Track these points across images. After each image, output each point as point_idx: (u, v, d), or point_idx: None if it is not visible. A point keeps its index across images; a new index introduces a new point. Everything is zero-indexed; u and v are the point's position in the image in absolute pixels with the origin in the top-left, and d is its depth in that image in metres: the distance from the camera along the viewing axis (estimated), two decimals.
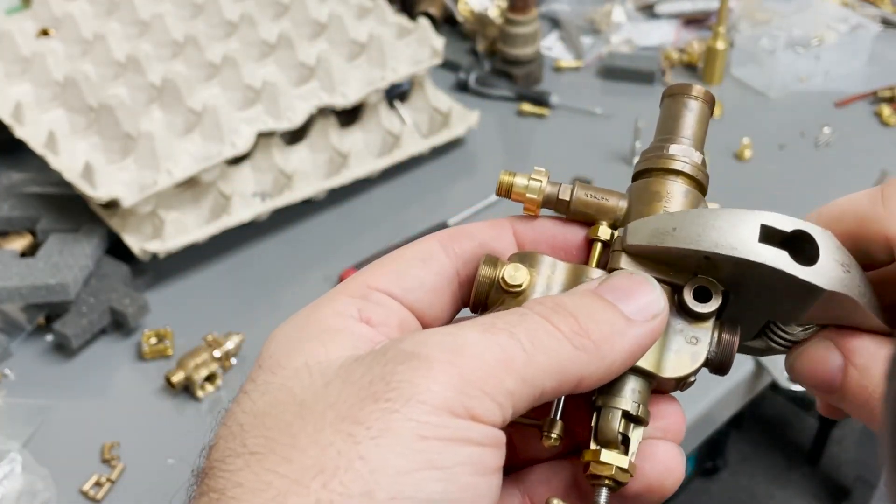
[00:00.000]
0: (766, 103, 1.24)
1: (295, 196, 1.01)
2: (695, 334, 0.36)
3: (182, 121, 0.99)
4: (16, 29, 1.08)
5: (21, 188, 1.00)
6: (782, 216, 0.35)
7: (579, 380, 0.33)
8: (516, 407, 0.32)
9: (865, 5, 1.40)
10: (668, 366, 0.36)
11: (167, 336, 0.90)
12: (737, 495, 1.87)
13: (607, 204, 0.39)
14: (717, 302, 0.36)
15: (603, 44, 1.34)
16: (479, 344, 0.32)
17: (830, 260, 0.34)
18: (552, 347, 0.33)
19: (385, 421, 0.30)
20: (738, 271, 0.35)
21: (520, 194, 0.40)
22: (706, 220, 0.35)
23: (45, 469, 0.77)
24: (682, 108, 0.41)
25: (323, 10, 1.12)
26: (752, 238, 0.34)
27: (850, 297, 0.34)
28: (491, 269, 0.38)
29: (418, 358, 0.31)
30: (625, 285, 0.35)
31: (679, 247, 0.35)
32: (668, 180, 0.39)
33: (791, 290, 0.35)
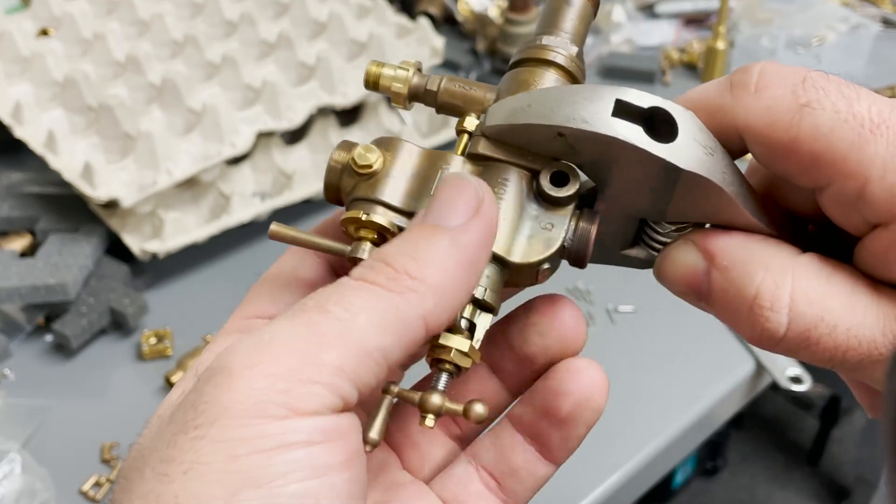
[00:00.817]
0: None
1: (295, 196, 1.01)
2: (551, 220, 0.35)
3: (182, 121, 0.99)
4: (15, 29, 1.08)
5: (20, 188, 1.00)
6: (641, 93, 0.33)
7: (423, 322, 0.31)
8: (359, 379, 0.30)
9: (865, 5, 1.39)
10: (518, 251, 0.34)
11: (167, 336, 0.90)
12: (737, 495, 1.87)
13: (475, 94, 0.38)
14: (574, 186, 0.34)
15: (603, 43, 1.34)
16: (285, 333, 0.30)
17: (690, 140, 0.32)
18: (371, 304, 0.30)
19: (194, 451, 0.28)
20: (596, 152, 0.33)
21: (386, 86, 0.38)
22: (562, 95, 0.33)
23: (44, 469, 0.77)
24: (562, 3, 0.40)
25: (323, 10, 1.12)
26: (606, 112, 0.32)
27: (712, 180, 0.32)
28: (343, 152, 0.36)
29: (222, 371, 0.29)
30: (440, 197, 0.33)
31: (532, 122, 0.33)
32: (539, 69, 0.37)
33: (650, 174, 0.33)
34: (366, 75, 0.38)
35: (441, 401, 0.33)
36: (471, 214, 0.32)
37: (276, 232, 0.36)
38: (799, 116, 0.32)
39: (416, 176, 0.36)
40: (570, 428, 0.37)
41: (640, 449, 0.80)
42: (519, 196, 0.35)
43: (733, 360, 0.88)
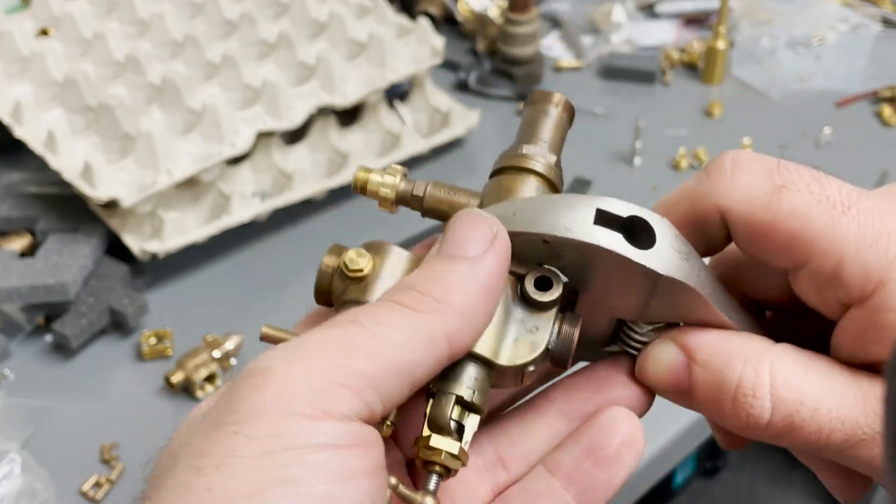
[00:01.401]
0: (767, 103, 1.23)
1: (295, 196, 1.01)
2: (535, 323, 0.36)
3: (182, 121, 0.99)
4: (15, 29, 1.08)
5: (20, 188, 1.00)
6: (620, 202, 0.35)
7: (447, 340, 0.32)
8: (385, 391, 0.31)
9: (866, 5, 1.39)
10: (505, 353, 0.35)
11: (167, 336, 0.90)
12: (738, 495, 1.87)
13: (460, 201, 0.39)
14: (557, 291, 0.36)
15: (603, 43, 1.34)
16: (319, 339, 0.31)
17: (667, 246, 0.34)
18: (401, 322, 0.32)
19: (228, 446, 0.29)
20: (578, 258, 0.35)
21: (374, 191, 0.40)
22: (544, 203, 0.35)
23: (44, 469, 0.77)
24: (540, 114, 0.41)
25: (323, 10, 1.12)
26: (588, 220, 0.34)
27: (688, 284, 0.34)
28: (334, 257, 0.37)
29: (257, 371, 0.30)
30: (454, 232, 0.34)
31: (517, 230, 0.35)
32: (520, 177, 0.39)
33: (630, 278, 0.34)
34: (354, 180, 0.40)
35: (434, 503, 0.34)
36: (487, 245, 0.34)
37: (267, 334, 0.36)
38: (777, 196, 0.34)
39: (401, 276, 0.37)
40: (615, 468, 0.37)
41: None
42: (505, 300, 0.36)
43: None
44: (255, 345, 0.90)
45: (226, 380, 0.88)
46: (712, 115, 1.21)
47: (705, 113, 1.22)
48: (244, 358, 0.89)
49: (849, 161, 1.13)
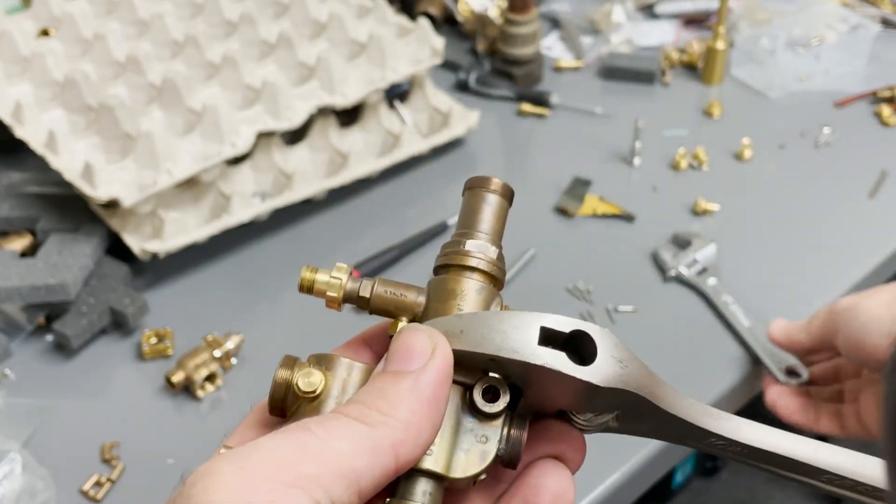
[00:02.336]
0: (766, 103, 1.24)
1: (295, 196, 1.01)
2: (485, 433, 0.37)
3: (182, 121, 0.99)
4: (16, 29, 1.08)
5: (21, 188, 1.00)
6: (563, 318, 0.36)
7: (393, 451, 0.33)
8: (332, 494, 0.31)
9: (865, 5, 1.39)
10: (457, 466, 0.37)
11: (167, 336, 0.90)
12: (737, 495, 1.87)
13: (406, 300, 0.40)
14: (504, 401, 0.37)
15: (603, 44, 1.34)
16: (269, 443, 0.32)
17: (608, 357, 0.36)
18: (347, 432, 0.33)
19: None
20: (523, 371, 0.36)
21: (321, 291, 0.40)
22: (491, 323, 0.36)
23: (45, 469, 0.77)
24: (480, 201, 0.42)
25: (323, 10, 1.12)
26: (533, 341, 0.36)
27: (627, 390, 0.36)
28: (287, 371, 0.38)
29: (209, 473, 0.31)
30: (397, 348, 0.36)
31: (465, 349, 0.36)
32: (463, 277, 0.40)
33: (573, 389, 0.36)
34: (300, 281, 0.41)
35: None
36: (427, 357, 0.35)
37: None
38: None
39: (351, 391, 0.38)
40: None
41: (640, 449, 0.80)
42: (455, 411, 0.37)
43: (733, 360, 0.88)
44: (255, 344, 0.90)
45: (227, 379, 0.88)
46: (712, 115, 1.21)
47: (705, 113, 1.22)
48: (244, 357, 0.89)
49: (848, 161, 1.13)
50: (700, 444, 0.41)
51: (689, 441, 0.41)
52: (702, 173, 1.12)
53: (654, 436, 0.42)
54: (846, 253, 1.00)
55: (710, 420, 0.40)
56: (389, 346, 0.37)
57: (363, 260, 0.98)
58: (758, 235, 1.03)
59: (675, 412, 0.39)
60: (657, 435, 0.42)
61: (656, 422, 0.40)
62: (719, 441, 0.40)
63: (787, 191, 1.09)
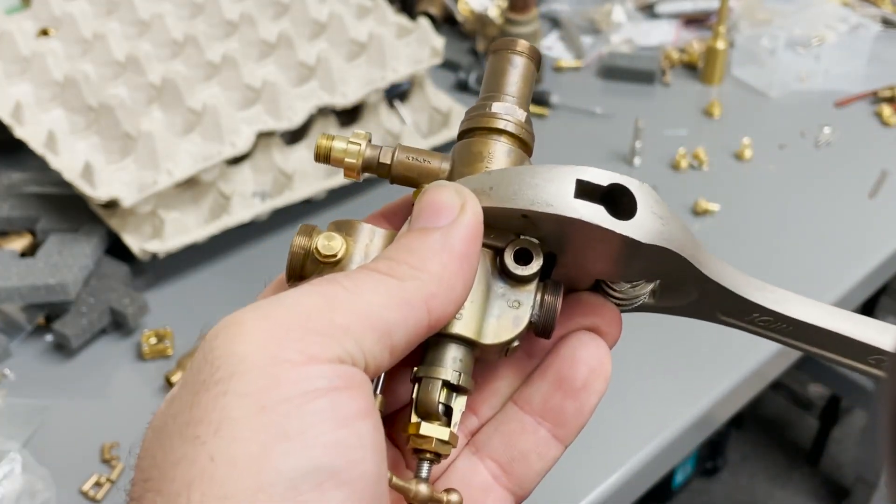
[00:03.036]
0: (767, 103, 1.24)
1: (295, 196, 1.01)
2: (517, 298, 0.35)
3: (182, 121, 0.99)
4: (16, 29, 1.08)
5: (21, 188, 1.00)
6: (600, 171, 0.34)
7: (425, 305, 0.32)
8: (364, 345, 0.30)
9: (865, 5, 1.39)
10: (488, 331, 0.35)
11: (167, 336, 0.90)
12: (737, 495, 1.88)
13: (429, 166, 0.38)
14: (537, 264, 0.35)
15: (603, 44, 1.34)
16: (295, 295, 0.31)
17: (647, 213, 0.33)
18: (377, 284, 0.31)
19: (221, 408, 0.27)
20: (558, 229, 0.34)
21: (338, 159, 0.38)
22: (522, 177, 0.34)
23: (44, 469, 0.77)
24: (506, 64, 0.40)
25: (323, 10, 1.12)
26: (569, 194, 0.33)
27: (669, 248, 0.34)
28: (305, 238, 0.36)
29: (231, 323, 0.29)
30: (423, 205, 0.34)
31: (495, 206, 0.34)
32: (490, 139, 0.38)
33: (611, 246, 0.34)
34: (316, 149, 0.38)
35: (428, 490, 0.34)
36: (456, 213, 0.33)
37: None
38: None
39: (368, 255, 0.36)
40: (585, 397, 0.37)
41: (640, 449, 0.80)
42: (485, 275, 0.35)
43: (733, 360, 0.88)
44: None
45: None
46: (712, 115, 1.21)
47: (705, 113, 1.22)
48: None
49: (848, 161, 1.13)
50: (741, 320, 0.39)
51: (730, 318, 0.39)
52: (702, 173, 1.12)
53: (691, 313, 0.40)
54: (846, 253, 1.00)
55: (755, 291, 0.37)
56: (414, 205, 0.35)
57: None
58: (758, 235, 1.03)
59: (718, 280, 0.36)
60: (695, 311, 0.39)
61: (696, 293, 0.37)
62: (763, 316, 0.38)
63: (787, 191, 1.09)
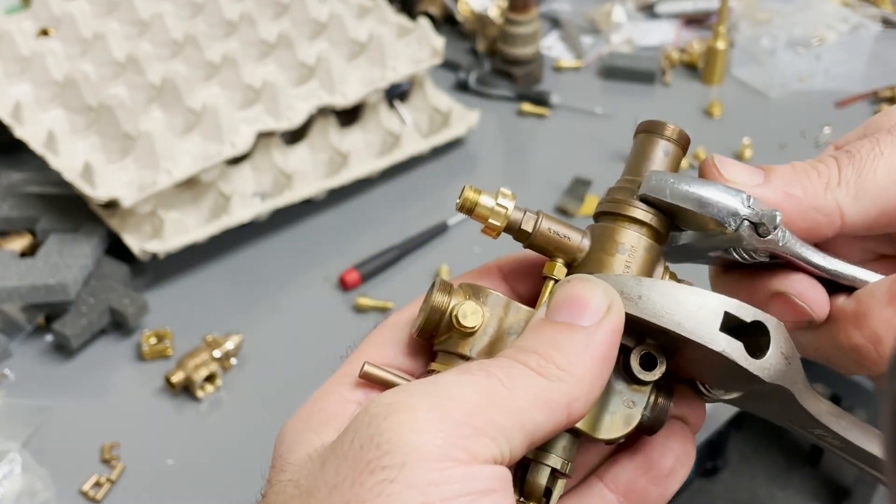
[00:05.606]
0: (767, 103, 1.24)
1: (295, 196, 1.01)
2: (633, 398, 0.37)
3: (182, 121, 0.99)
4: (16, 29, 1.08)
5: (21, 188, 1.00)
6: (744, 305, 0.35)
7: (568, 407, 0.33)
8: (512, 442, 0.31)
9: (865, 5, 1.39)
10: (602, 427, 0.36)
11: (167, 336, 0.90)
12: (737, 495, 1.87)
13: (568, 243, 0.38)
14: (660, 371, 0.36)
15: (603, 44, 1.34)
16: (458, 384, 0.32)
17: (777, 353, 0.35)
18: (528, 382, 0.32)
19: (386, 495, 0.28)
20: (691, 348, 0.35)
21: (482, 216, 0.38)
22: (673, 296, 0.35)
23: (44, 469, 0.77)
24: (655, 148, 0.39)
25: (323, 10, 1.12)
26: (715, 325, 0.34)
27: (785, 387, 0.36)
28: (445, 297, 0.37)
29: (402, 408, 0.30)
30: (569, 297, 0.35)
31: (641, 317, 0.35)
32: (632, 231, 0.38)
33: (733, 373, 0.35)
34: (462, 201, 0.38)
35: None
36: (601, 314, 0.34)
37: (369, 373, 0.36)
38: None
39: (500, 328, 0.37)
40: (669, 483, 0.39)
41: None
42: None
43: None
44: (254, 344, 0.90)
45: (226, 380, 0.88)
46: (712, 114, 1.21)
47: (705, 113, 1.22)
48: (244, 357, 0.89)
49: None
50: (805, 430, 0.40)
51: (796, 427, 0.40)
52: None
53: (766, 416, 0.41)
54: None
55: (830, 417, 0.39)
56: (556, 291, 0.35)
57: (363, 260, 0.98)
58: None
59: (809, 410, 0.38)
60: (770, 416, 0.41)
61: (782, 409, 0.38)
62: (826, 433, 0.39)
63: None
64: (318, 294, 0.96)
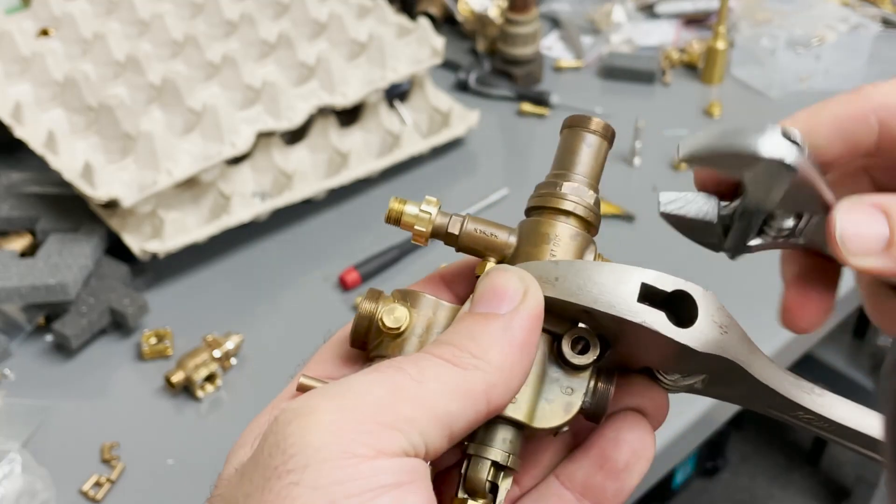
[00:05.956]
0: (767, 103, 1.24)
1: (295, 196, 1.01)
2: (571, 384, 0.36)
3: (182, 121, 0.99)
4: (16, 29, 1.08)
5: (21, 188, 1.00)
6: (664, 275, 0.34)
7: (486, 394, 0.32)
8: (427, 436, 0.31)
9: (865, 5, 1.39)
10: (540, 415, 0.36)
11: (167, 336, 0.90)
12: (737, 495, 1.88)
13: (496, 241, 0.39)
14: (594, 354, 0.36)
15: (603, 43, 1.34)
16: (365, 382, 0.31)
17: (708, 321, 0.34)
18: (441, 373, 0.32)
19: (292, 499, 0.29)
20: (617, 327, 0.35)
21: (408, 224, 0.39)
22: (588, 273, 0.35)
23: (44, 469, 0.77)
24: (579, 142, 0.40)
25: (323, 10, 1.12)
26: (632, 296, 0.34)
27: (725, 357, 0.35)
28: (372, 304, 0.37)
29: (305, 411, 0.30)
30: (486, 289, 0.35)
31: (559, 297, 0.35)
32: (557, 221, 0.38)
33: (667, 348, 0.35)
34: (388, 212, 0.39)
35: None
36: (518, 300, 0.34)
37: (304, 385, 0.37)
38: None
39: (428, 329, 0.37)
40: (626, 478, 0.38)
41: None
42: (541, 359, 0.36)
43: None
44: (254, 344, 0.90)
45: (226, 380, 0.88)
46: (712, 115, 1.21)
47: (705, 113, 1.22)
48: (244, 357, 0.89)
49: None
50: (786, 415, 0.40)
51: (774, 411, 0.40)
52: None
53: (738, 402, 0.41)
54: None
55: (801, 393, 0.38)
56: (477, 285, 0.35)
57: (363, 260, 0.98)
58: None
59: (767, 382, 0.37)
60: (742, 401, 0.40)
61: (745, 389, 0.38)
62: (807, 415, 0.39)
63: None
64: (318, 294, 0.97)
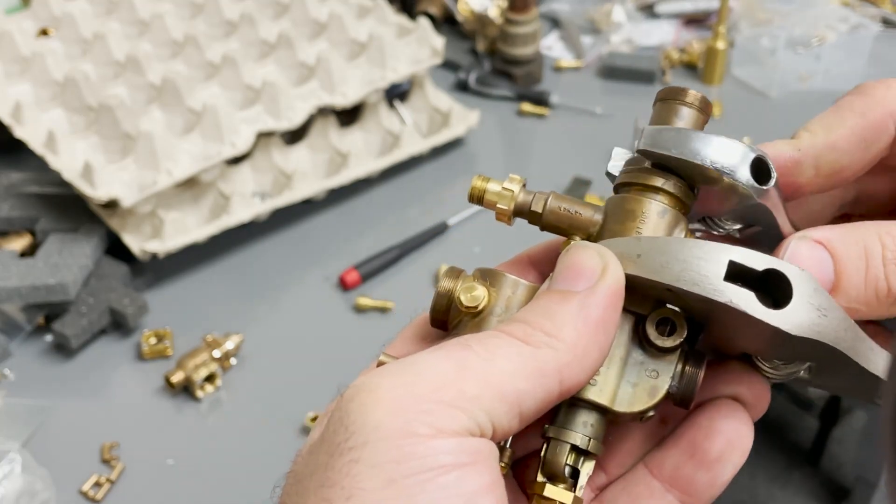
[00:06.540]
0: (767, 103, 1.24)
1: (295, 196, 1.01)
2: (656, 367, 0.34)
3: (182, 121, 0.99)
4: (15, 29, 1.08)
5: (21, 188, 1.00)
6: (756, 253, 0.32)
7: (558, 375, 0.31)
8: (494, 415, 0.30)
9: (865, 5, 1.39)
10: (623, 399, 0.34)
11: (167, 336, 0.90)
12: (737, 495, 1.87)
13: (580, 218, 0.37)
14: (680, 336, 0.34)
15: (603, 43, 1.34)
16: (429, 360, 0.31)
17: (804, 303, 0.32)
18: (511, 352, 0.31)
19: (353, 476, 0.28)
20: (704, 307, 0.33)
21: (491, 202, 0.38)
22: (672, 250, 0.33)
23: (44, 469, 0.77)
24: (672, 115, 0.38)
25: (323, 10, 1.12)
26: (718, 275, 0.32)
27: (824, 342, 0.32)
28: (451, 282, 0.36)
29: (365, 388, 0.30)
30: (565, 266, 0.34)
31: (640, 275, 0.33)
32: (645, 198, 0.36)
33: (760, 330, 0.32)
34: (471, 190, 0.38)
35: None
36: (596, 277, 0.33)
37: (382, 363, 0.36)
38: None
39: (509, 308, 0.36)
40: (719, 469, 0.36)
41: None
42: (624, 341, 0.35)
43: None
44: (254, 345, 0.90)
45: (226, 380, 0.88)
46: (712, 115, 1.21)
47: None
48: (244, 357, 0.89)
49: None
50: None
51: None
52: None
53: (847, 392, 0.38)
54: None
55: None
56: (556, 263, 0.34)
57: (363, 260, 0.98)
58: None
59: (875, 371, 0.34)
60: (852, 392, 0.38)
61: (852, 378, 0.35)
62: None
63: None
64: (318, 294, 0.96)
